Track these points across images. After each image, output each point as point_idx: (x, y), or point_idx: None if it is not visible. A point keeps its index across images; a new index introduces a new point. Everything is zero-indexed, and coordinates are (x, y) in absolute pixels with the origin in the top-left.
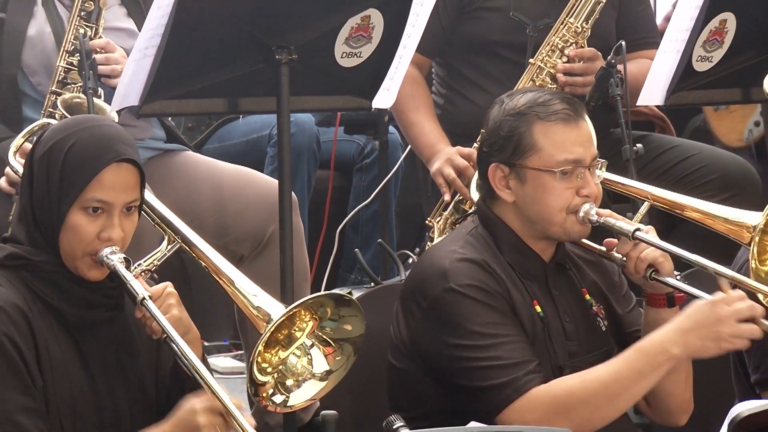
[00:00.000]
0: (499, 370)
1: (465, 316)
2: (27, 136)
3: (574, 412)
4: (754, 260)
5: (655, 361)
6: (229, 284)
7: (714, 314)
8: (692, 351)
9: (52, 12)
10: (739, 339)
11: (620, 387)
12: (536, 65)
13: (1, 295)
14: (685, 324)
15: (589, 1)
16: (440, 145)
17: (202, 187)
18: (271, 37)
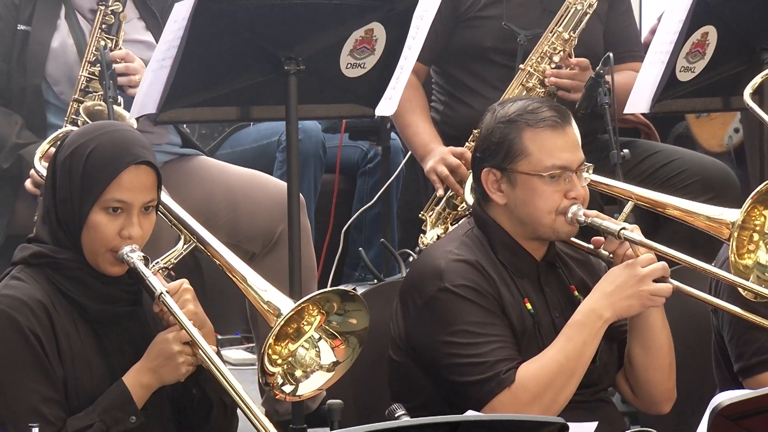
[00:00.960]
0: (483, 366)
1: (457, 315)
2: (52, 142)
3: (543, 396)
4: (734, 254)
5: (593, 328)
6: (242, 281)
7: (632, 276)
8: (620, 311)
9: (74, 25)
10: (657, 296)
11: (572, 360)
12: (526, 71)
13: (25, 291)
14: (609, 288)
15: (577, 12)
16: (433, 145)
17: (216, 190)
18: (280, 48)
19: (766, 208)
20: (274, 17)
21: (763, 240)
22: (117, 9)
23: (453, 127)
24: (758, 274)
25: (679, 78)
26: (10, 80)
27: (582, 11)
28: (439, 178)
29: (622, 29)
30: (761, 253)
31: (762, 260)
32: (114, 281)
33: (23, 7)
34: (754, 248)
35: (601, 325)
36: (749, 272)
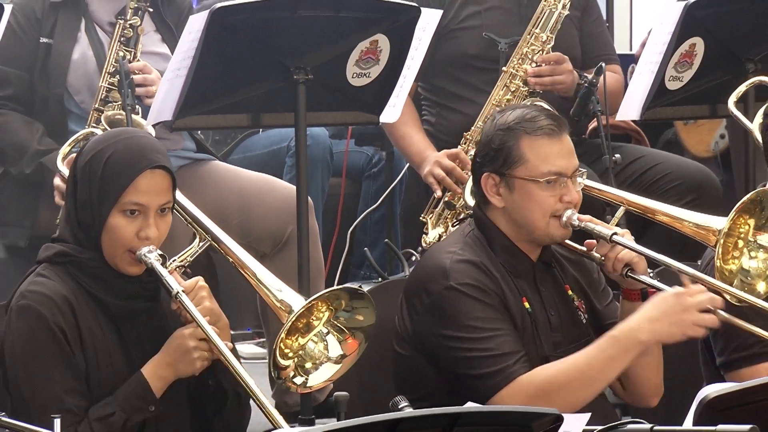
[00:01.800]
0: (490, 360)
1: (463, 312)
2: (72, 144)
3: (555, 396)
4: (719, 260)
5: (625, 346)
6: (254, 278)
7: (678, 304)
8: (659, 337)
9: (93, 38)
10: (699, 327)
11: (595, 371)
12: (509, 72)
13: (50, 287)
14: (653, 313)
15: (552, 13)
16: (428, 151)
17: (228, 192)
18: (289, 59)
19: (750, 217)
20: (284, 29)
21: (747, 247)
22: (135, 23)
23: (447, 134)
24: (741, 278)
25: (668, 87)
26: (33, 90)
27: (557, 12)
28: (436, 180)
29: (596, 35)
30: (745, 259)
31: (745, 266)
32: (133, 279)
33: (45, 21)
34: (738, 254)
35: (635, 347)
36: (733, 277)
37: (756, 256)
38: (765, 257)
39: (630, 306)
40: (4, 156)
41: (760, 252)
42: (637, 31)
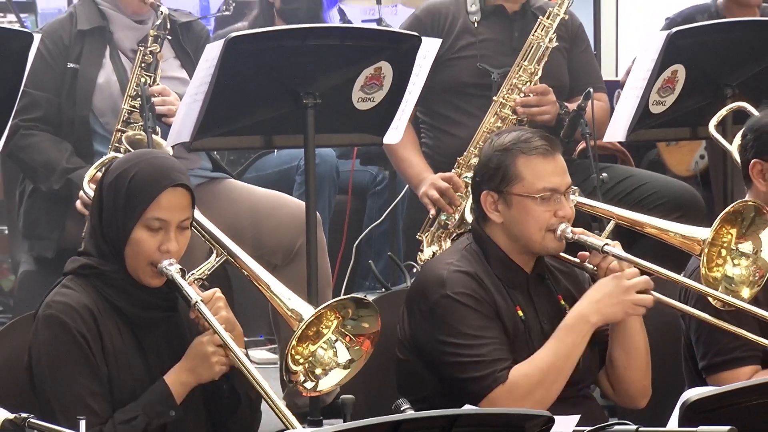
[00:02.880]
0: (481, 365)
1: (457, 319)
2: (99, 167)
3: (535, 392)
4: (704, 267)
5: (581, 331)
6: (267, 289)
7: (618, 287)
8: (605, 317)
9: (117, 63)
10: (639, 306)
11: (562, 361)
12: (499, 101)
13: (74, 297)
14: (596, 296)
15: (539, 47)
16: (425, 174)
17: (242, 208)
18: (299, 84)
19: (732, 227)
20: (294, 57)
21: (730, 255)
22: (155, 49)
23: (443, 155)
24: (725, 285)
25: (652, 110)
26: (60, 112)
27: (544, 46)
28: (431, 201)
29: (584, 65)
30: (728, 266)
31: (729, 273)
32: (152, 290)
33: (72, 48)
34: (722, 262)
35: (588, 329)
36: (718, 283)
37: (739, 263)
38: (747, 264)
39: None
40: (35, 173)
41: (742, 259)
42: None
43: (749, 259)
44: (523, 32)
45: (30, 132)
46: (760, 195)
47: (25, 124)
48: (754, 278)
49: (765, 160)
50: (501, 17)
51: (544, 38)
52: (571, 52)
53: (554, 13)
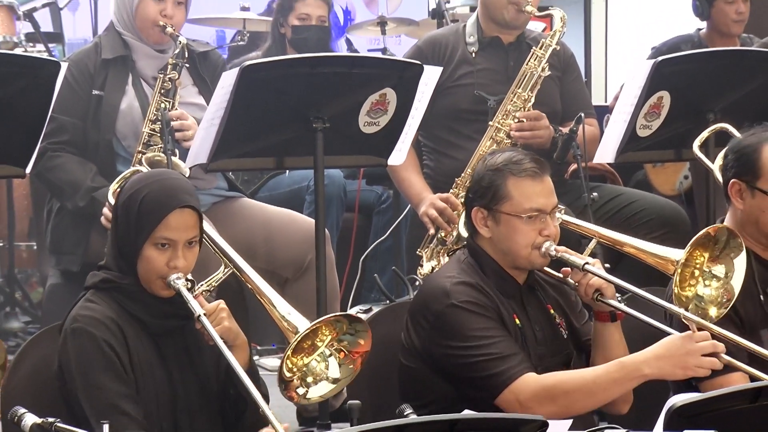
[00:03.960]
0: (496, 361)
1: (465, 325)
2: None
3: (559, 399)
4: (677, 287)
5: (629, 374)
6: (269, 303)
7: (684, 348)
8: (662, 374)
9: (139, 90)
10: (701, 369)
11: (598, 388)
12: (494, 126)
13: (98, 310)
14: (661, 352)
15: (533, 75)
16: (424, 194)
17: (256, 225)
18: (309, 109)
19: (705, 250)
20: (305, 84)
21: (702, 276)
22: (174, 77)
23: (442, 175)
24: (696, 303)
25: (639, 134)
26: (86, 136)
27: (537, 75)
28: (430, 220)
29: (575, 92)
30: (699, 287)
31: (700, 292)
32: (168, 300)
33: (97, 75)
34: (694, 282)
35: (638, 377)
36: (689, 302)
37: (710, 284)
38: (717, 285)
39: (601, 326)
40: (61, 192)
41: (713, 281)
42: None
43: (719, 282)
44: (518, 62)
45: (57, 154)
46: (738, 212)
47: (53, 147)
48: (721, 300)
49: (743, 180)
50: (497, 48)
51: (537, 67)
52: (563, 80)
53: (546, 44)
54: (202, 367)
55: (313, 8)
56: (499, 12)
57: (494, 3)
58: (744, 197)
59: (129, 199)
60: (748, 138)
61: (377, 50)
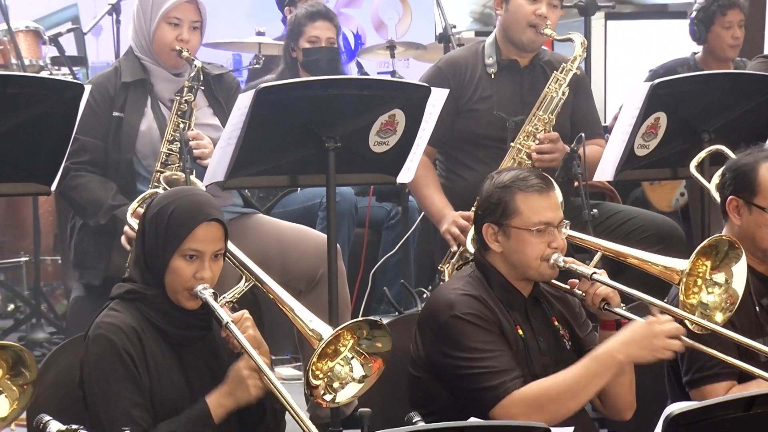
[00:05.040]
0: (491, 375)
1: (466, 336)
2: (140, 202)
3: (547, 407)
4: (683, 295)
5: (605, 365)
6: (291, 312)
7: (649, 331)
8: (632, 358)
9: (157, 112)
10: (667, 351)
11: (580, 386)
12: (516, 147)
13: (120, 319)
14: (628, 337)
15: (553, 99)
16: (446, 211)
17: (270, 240)
18: (321, 130)
19: (707, 259)
20: (317, 105)
21: (705, 284)
22: (190, 99)
23: (453, 196)
24: (701, 310)
25: (637, 153)
26: (107, 156)
27: (557, 98)
28: (453, 237)
29: (585, 113)
30: (703, 294)
31: (704, 300)
32: (190, 311)
33: (118, 98)
34: (698, 290)
35: (613, 365)
36: (695, 309)
37: (713, 291)
38: (720, 292)
39: (606, 334)
40: (84, 210)
41: (716, 288)
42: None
43: (722, 288)
44: (532, 84)
45: (79, 173)
46: (735, 228)
47: (76, 167)
48: (725, 305)
49: (741, 196)
50: (513, 70)
51: (558, 90)
52: (574, 101)
53: (567, 69)
54: (220, 375)
55: (322, 31)
56: (518, 34)
57: (514, 25)
58: (741, 213)
59: (157, 214)
60: (745, 157)
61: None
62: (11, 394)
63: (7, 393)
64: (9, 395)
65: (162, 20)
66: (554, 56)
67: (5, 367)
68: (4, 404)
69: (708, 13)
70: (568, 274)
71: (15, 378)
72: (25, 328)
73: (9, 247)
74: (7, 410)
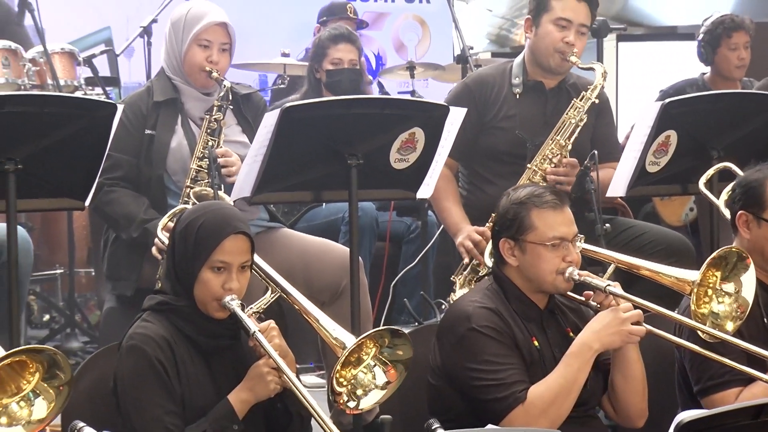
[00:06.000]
0: (502, 387)
1: (481, 348)
2: (170, 216)
3: (548, 410)
4: (694, 305)
5: (584, 357)
6: (315, 322)
7: (615, 318)
8: (605, 345)
9: (187, 130)
10: (633, 335)
11: (569, 382)
12: (532, 169)
13: (152, 329)
14: (597, 327)
15: (571, 124)
16: (462, 224)
17: (295, 253)
18: (344, 147)
19: (717, 270)
20: (340, 124)
21: (715, 294)
22: (219, 117)
23: (473, 208)
24: (712, 320)
25: (648, 170)
26: (139, 172)
27: (575, 124)
28: (466, 250)
29: (606, 136)
30: (713, 304)
31: (714, 309)
32: (218, 322)
33: (149, 116)
34: (708, 300)
35: (591, 355)
36: (706, 319)
37: (723, 301)
38: (730, 301)
39: None
40: (116, 224)
41: (726, 297)
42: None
43: (731, 298)
44: (556, 107)
45: (112, 189)
46: (745, 242)
47: (109, 182)
48: (736, 313)
49: (749, 211)
50: (539, 92)
51: (576, 117)
52: (595, 124)
53: (587, 97)
54: None
55: (345, 53)
56: (545, 59)
57: (541, 50)
58: (750, 227)
59: (187, 227)
60: (754, 174)
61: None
62: (48, 396)
63: (44, 395)
64: (46, 397)
65: (193, 42)
66: (579, 80)
67: (41, 370)
68: (42, 406)
69: (714, 35)
70: (583, 286)
71: (51, 380)
72: (60, 337)
73: (45, 260)
74: (45, 412)
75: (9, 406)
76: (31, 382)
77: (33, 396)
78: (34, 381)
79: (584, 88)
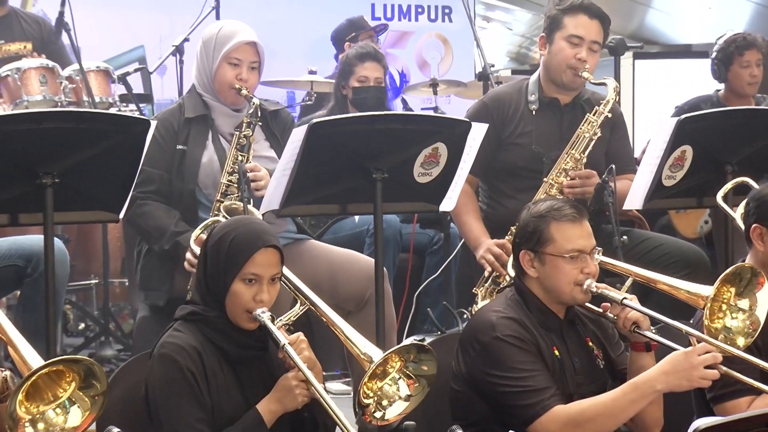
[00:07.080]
0: (531, 393)
1: (507, 357)
2: (203, 229)
3: (585, 426)
4: (707, 319)
5: (643, 393)
6: (342, 334)
7: (688, 362)
8: (670, 387)
9: (218, 145)
10: (704, 380)
11: (617, 409)
12: (548, 182)
13: (183, 339)
14: (667, 368)
15: (585, 138)
16: (482, 238)
17: (321, 264)
18: (369, 162)
19: (732, 286)
20: (365, 139)
21: (729, 309)
22: (248, 133)
23: (493, 222)
24: (725, 334)
25: (664, 184)
26: (171, 186)
27: (589, 138)
28: (487, 263)
29: (621, 149)
30: (727, 319)
31: (728, 324)
32: (248, 333)
33: (181, 132)
34: (722, 315)
35: (651, 393)
36: (719, 333)
37: (737, 316)
38: (744, 318)
39: (636, 356)
40: (149, 236)
41: (739, 313)
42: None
43: (745, 314)
44: (571, 123)
45: (145, 202)
46: (759, 255)
47: (142, 196)
48: (748, 330)
49: (764, 225)
50: (554, 108)
51: (590, 131)
52: (610, 138)
53: (600, 111)
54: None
55: (371, 71)
56: (558, 75)
57: (554, 66)
58: (764, 240)
59: (219, 241)
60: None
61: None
62: (83, 404)
63: (80, 404)
64: (81, 405)
65: (223, 60)
66: (593, 96)
67: (78, 379)
68: (77, 414)
69: (727, 53)
70: (601, 297)
71: (87, 390)
72: (94, 345)
73: (80, 271)
74: (80, 419)
75: (46, 413)
76: (67, 391)
77: (69, 404)
78: (70, 389)
79: (598, 103)
